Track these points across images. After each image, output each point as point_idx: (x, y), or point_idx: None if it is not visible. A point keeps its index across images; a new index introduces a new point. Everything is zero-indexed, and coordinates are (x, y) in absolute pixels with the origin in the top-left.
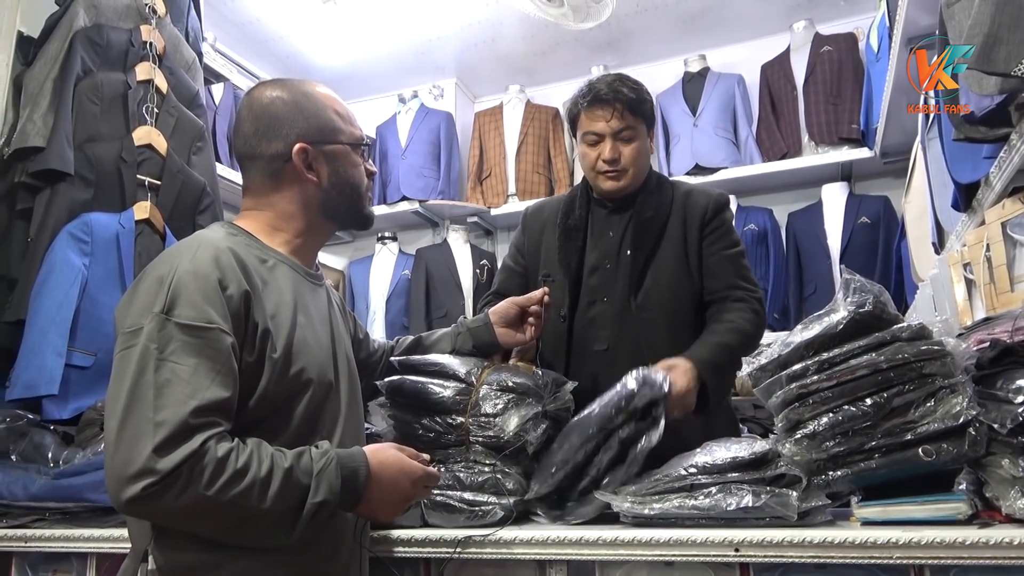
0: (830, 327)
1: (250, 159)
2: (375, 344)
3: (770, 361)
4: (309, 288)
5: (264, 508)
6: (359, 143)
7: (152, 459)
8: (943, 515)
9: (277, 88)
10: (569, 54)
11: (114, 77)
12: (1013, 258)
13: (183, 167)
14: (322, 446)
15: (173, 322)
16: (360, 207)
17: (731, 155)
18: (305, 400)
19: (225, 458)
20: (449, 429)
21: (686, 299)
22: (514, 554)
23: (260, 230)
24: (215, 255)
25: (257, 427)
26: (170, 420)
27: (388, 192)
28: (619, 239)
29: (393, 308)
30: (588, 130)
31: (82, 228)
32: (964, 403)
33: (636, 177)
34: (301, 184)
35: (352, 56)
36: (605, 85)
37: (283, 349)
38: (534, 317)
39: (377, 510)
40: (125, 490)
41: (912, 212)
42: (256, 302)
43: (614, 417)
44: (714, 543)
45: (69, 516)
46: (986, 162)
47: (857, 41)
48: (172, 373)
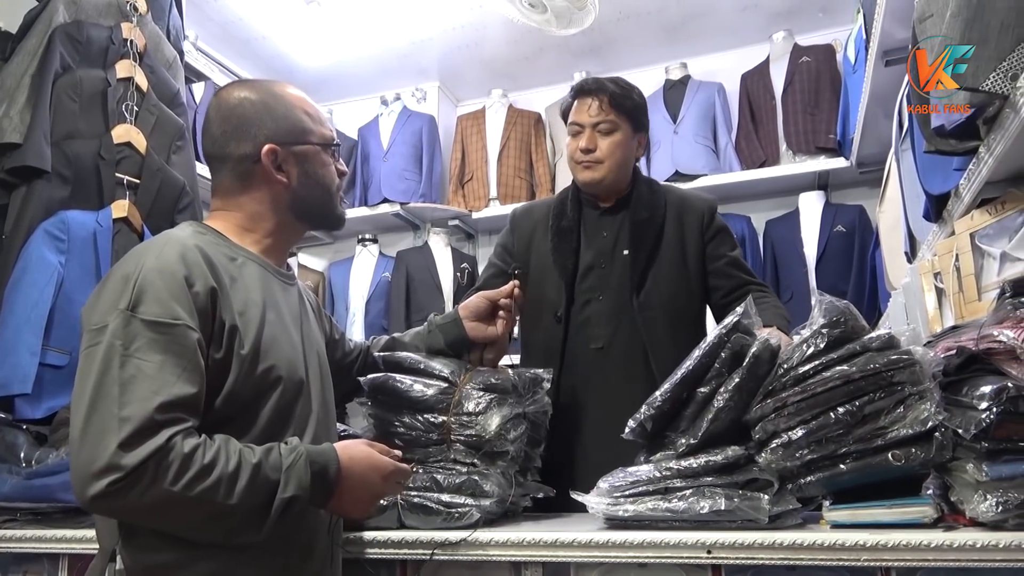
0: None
1: (219, 160)
2: (351, 344)
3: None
4: (280, 287)
5: (232, 504)
6: (329, 143)
7: (117, 455)
8: (910, 518)
9: (245, 89)
10: (552, 60)
11: (94, 74)
12: (981, 268)
13: (162, 166)
14: (291, 442)
15: (139, 319)
16: (331, 208)
17: (711, 162)
18: (274, 398)
19: (191, 454)
20: (431, 427)
21: (685, 299)
22: (490, 556)
23: (230, 230)
24: (182, 252)
25: (226, 425)
26: (135, 416)
27: (369, 194)
28: (614, 239)
29: (373, 310)
30: (572, 120)
31: (58, 226)
32: (932, 409)
33: (613, 172)
34: (271, 185)
35: (335, 57)
36: (594, 79)
37: (251, 346)
38: (504, 311)
39: (348, 506)
40: (90, 487)
41: (886, 222)
42: (223, 299)
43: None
44: (687, 545)
45: (41, 516)
46: (956, 174)
47: (835, 53)
48: (137, 369)
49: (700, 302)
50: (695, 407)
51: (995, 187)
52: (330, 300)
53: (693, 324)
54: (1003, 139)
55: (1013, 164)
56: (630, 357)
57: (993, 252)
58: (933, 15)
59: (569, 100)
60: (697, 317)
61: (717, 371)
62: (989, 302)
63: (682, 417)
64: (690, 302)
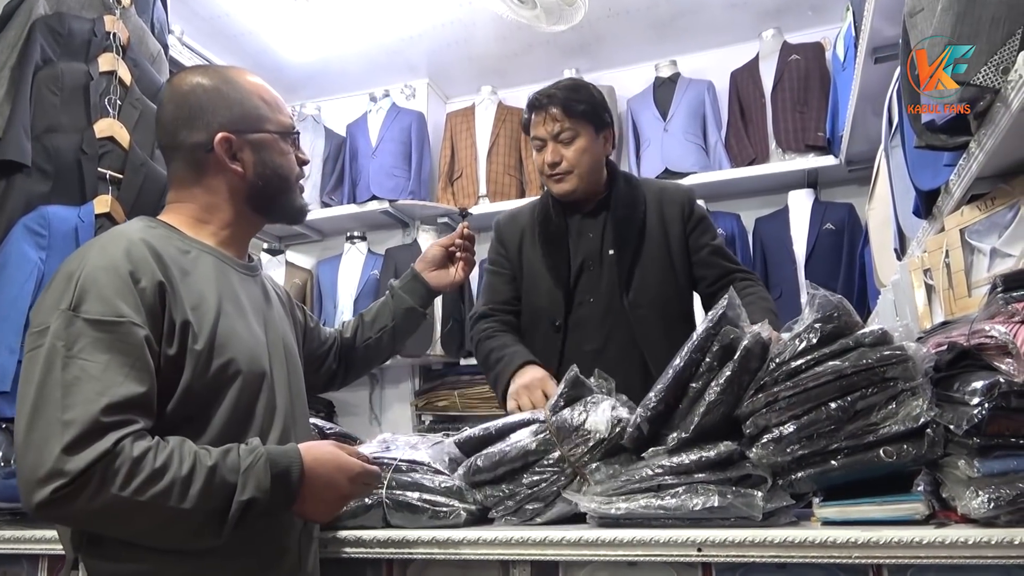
0: (803, 345)
1: (172, 149)
2: (326, 333)
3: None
4: (239, 279)
5: (186, 508)
6: (288, 132)
7: (61, 460)
8: (901, 515)
9: (199, 75)
10: (542, 57)
11: (75, 67)
12: (971, 264)
13: (146, 161)
14: (252, 443)
15: (81, 318)
16: (290, 199)
17: (700, 160)
18: (235, 392)
19: (141, 457)
20: (556, 468)
21: (673, 294)
22: (478, 554)
23: (184, 223)
24: (127, 248)
25: (183, 426)
26: (79, 419)
27: (358, 191)
28: (599, 240)
29: (361, 308)
30: (533, 135)
31: (39, 221)
32: (924, 405)
33: (584, 179)
34: (225, 175)
35: (323, 54)
36: (544, 92)
37: (206, 341)
38: (462, 252)
39: (312, 509)
40: (35, 494)
41: (875, 219)
42: (173, 294)
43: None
44: (677, 543)
45: (20, 516)
46: (946, 169)
47: (824, 50)
48: (81, 370)
49: (690, 295)
50: (688, 403)
51: (985, 183)
52: (318, 298)
53: (685, 318)
54: (994, 133)
55: (1004, 159)
56: (626, 357)
57: (983, 248)
58: (924, 9)
59: (527, 115)
60: (687, 310)
61: (708, 365)
62: (979, 298)
63: (675, 413)
64: (679, 296)
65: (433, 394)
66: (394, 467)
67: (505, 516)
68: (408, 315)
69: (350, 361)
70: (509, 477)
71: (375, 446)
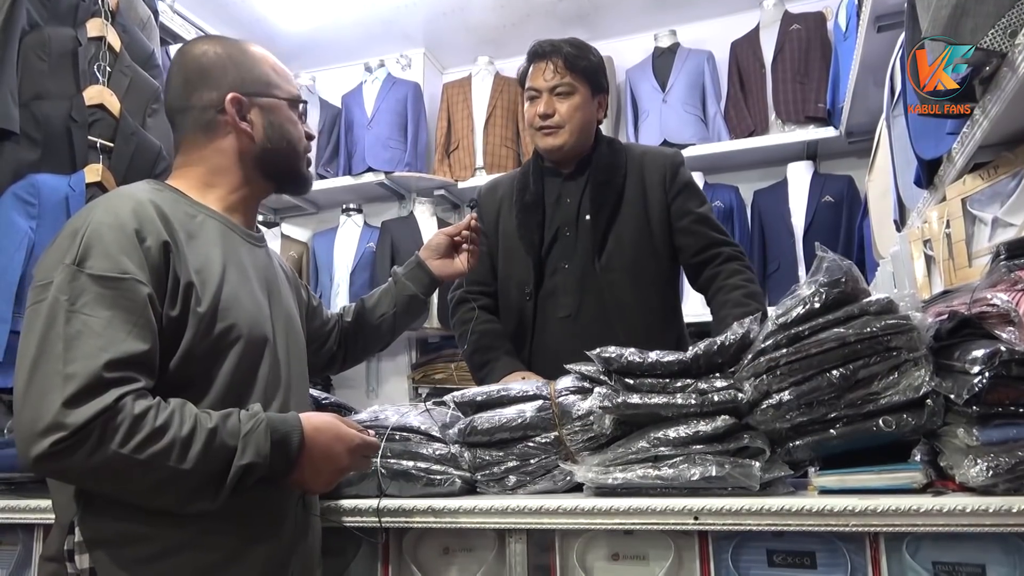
0: (807, 309)
1: (181, 112)
2: (327, 314)
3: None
4: (245, 247)
5: (185, 469)
6: (296, 100)
7: (62, 413)
8: (898, 484)
9: (209, 43)
10: (539, 27)
11: (63, 32)
12: (972, 234)
13: (137, 129)
14: (253, 408)
15: (85, 273)
16: (297, 166)
17: (699, 132)
18: (236, 357)
19: (142, 415)
20: (548, 447)
21: (648, 259)
22: (474, 523)
23: (191, 187)
24: (134, 207)
25: (185, 388)
26: (81, 373)
27: (353, 163)
28: (576, 205)
29: (357, 281)
30: (529, 85)
31: (28, 190)
32: (926, 376)
33: (574, 136)
34: (236, 135)
35: (317, 23)
36: (547, 42)
37: (209, 304)
38: (468, 243)
39: (311, 479)
40: (33, 446)
41: (875, 191)
42: (178, 255)
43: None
44: (673, 511)
45: (16, 487)
46: (949, 138)
47: (825, 20)
48: (84, 325)
49: (669, 261)
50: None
51: (989, 151)
52: (314, 271)
53: (660, 284)
54: (999, 100)
55: (1009, 126)
56: (597, 322)
57: (985, 217)
58: None
59: (525, 65)
60: (667, 277)
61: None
62: (979, 268)
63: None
64: (655, 262)
65: (430, 367)
66: (387, 436)
67: (488, 482)
68: (410, 303)
69: (350, 345)
70: (502, 444)
71: (365, 415)
